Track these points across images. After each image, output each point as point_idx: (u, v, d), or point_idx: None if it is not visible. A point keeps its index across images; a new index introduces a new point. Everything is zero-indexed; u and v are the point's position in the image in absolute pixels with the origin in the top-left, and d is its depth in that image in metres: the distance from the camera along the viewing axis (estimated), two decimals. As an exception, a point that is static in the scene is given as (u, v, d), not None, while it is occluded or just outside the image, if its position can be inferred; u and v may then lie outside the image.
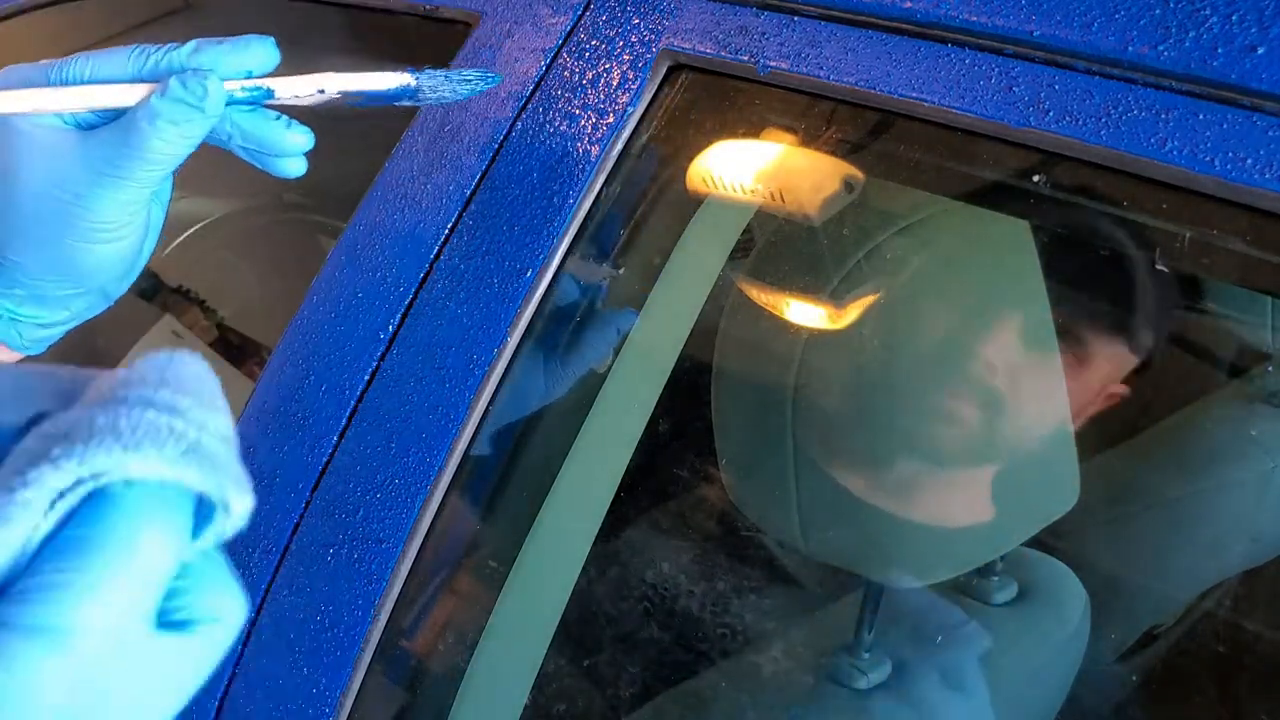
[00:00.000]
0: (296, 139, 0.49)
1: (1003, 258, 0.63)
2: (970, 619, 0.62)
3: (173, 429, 0.28)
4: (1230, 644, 0.58)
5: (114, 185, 0.47)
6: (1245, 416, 0.62)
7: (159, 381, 0.29)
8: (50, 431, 0.27)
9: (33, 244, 0.48)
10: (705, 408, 0.68)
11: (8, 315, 0.51)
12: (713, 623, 0.66)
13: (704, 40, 0.59)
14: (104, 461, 0.26)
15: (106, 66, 0.46)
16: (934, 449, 0.64)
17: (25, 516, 0.26)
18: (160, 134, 0.45)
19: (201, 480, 0.28)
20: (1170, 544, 0.64)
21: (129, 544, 0.27)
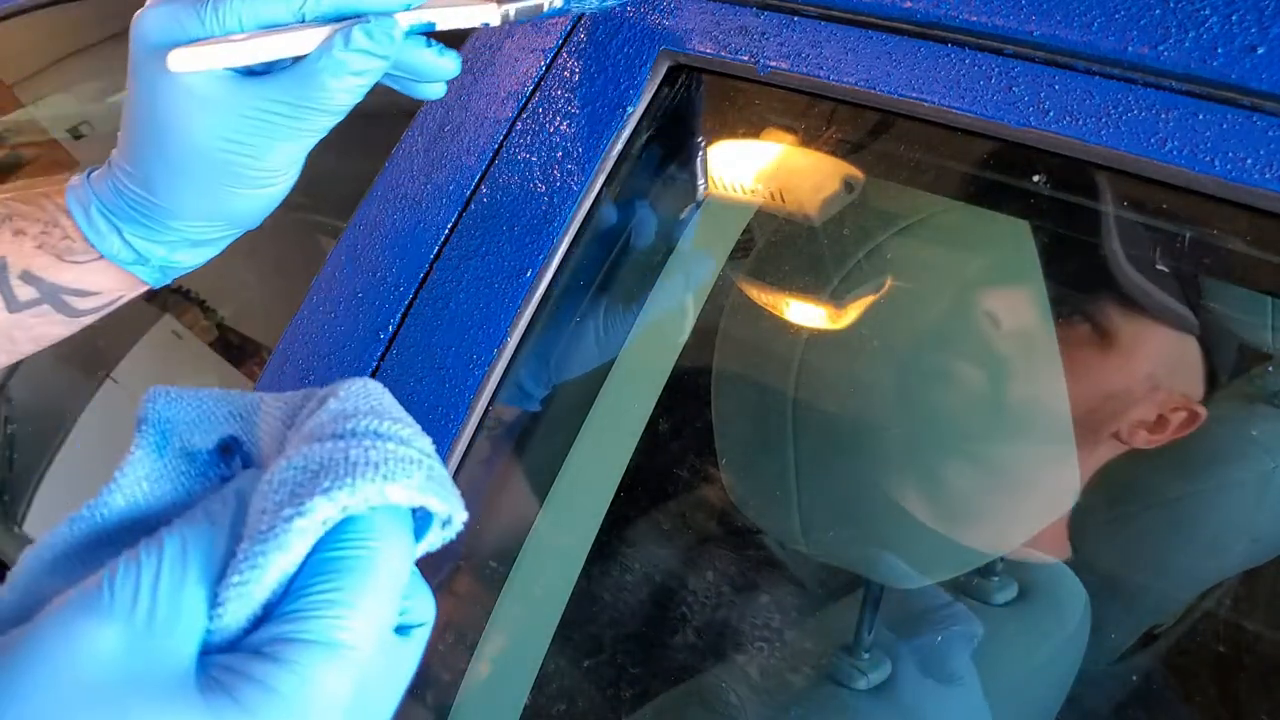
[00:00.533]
0: (447, 65, 0.48)
1: (1002, 258, 0.63)
2: (956, 603, 0.62)
3: (411, 458, 0.31)
4: (1230, 644, 0.58)
5: (287, 136, 0.46)
6: (1245, 416, 0.62)
7: (373, 412, 0.33)
8: (304, 464, 0.30)
9: (196, 194, 0.47)
10: (705, 408, 0.68)
11: (159, 263, 0.51)
12: (712, 622, 0.66)
13: (704, 40, 0.59)
14: (370, 491, 0.29)
15: (266, 7, 0.44)
16: (934, 449, 0.64)
17: (300, 542, 0.28)
18: (343, 84, 0.44)
19: (440, 503, 0.31)
20: (1170, 544, 0.64)
21: (379, 562, 0.29)
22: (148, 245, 0.50)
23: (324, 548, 0.29)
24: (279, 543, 0.28)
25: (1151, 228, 0.52)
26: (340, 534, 0.29)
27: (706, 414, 0.68)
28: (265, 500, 0.29)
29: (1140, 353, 0.60)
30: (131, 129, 0.47)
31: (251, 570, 0.28)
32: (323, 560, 0.29)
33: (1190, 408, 0.60)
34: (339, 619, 0.28)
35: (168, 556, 0.28)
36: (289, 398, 0.35)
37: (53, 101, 1.32)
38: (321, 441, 0.31)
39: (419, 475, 0.31)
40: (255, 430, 0.35)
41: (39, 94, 1.31)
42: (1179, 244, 0.49)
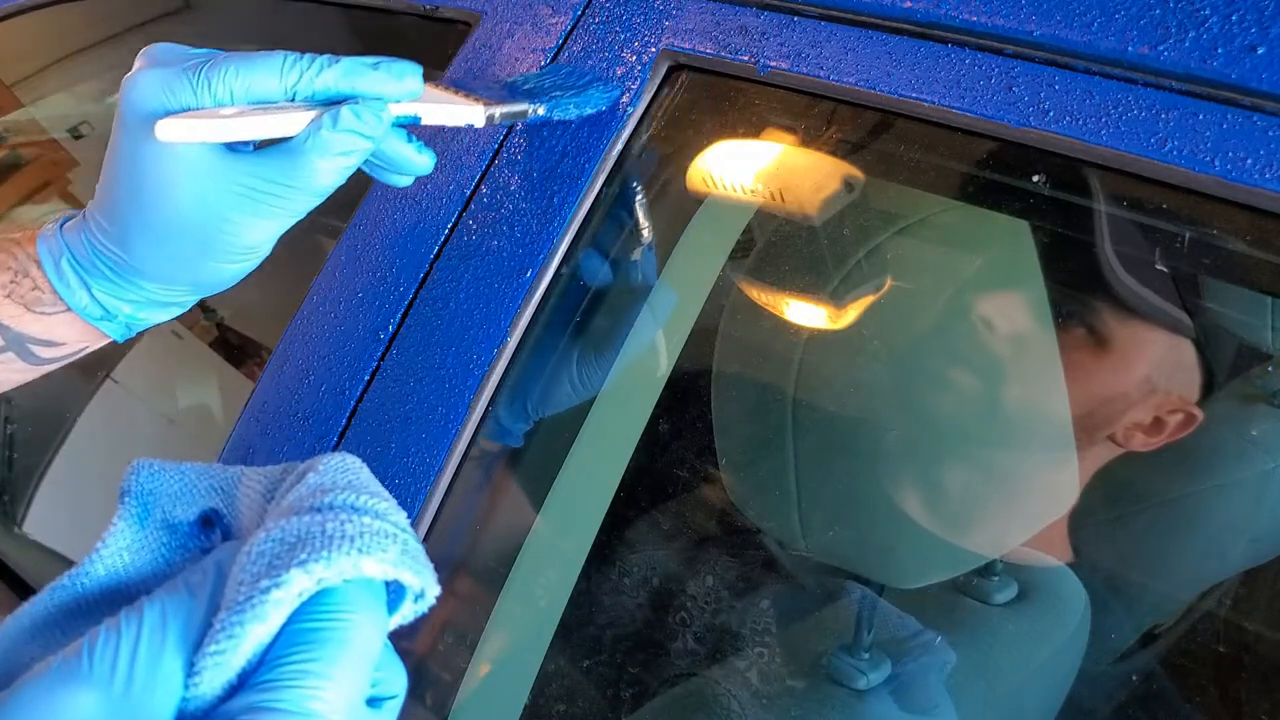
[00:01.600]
0: (423, 161, 0.49)
1: (1002, 258, 0.63)
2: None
3: (386, 532, 0.32)
4: (1230, 644, 0.58)
5: (269, 214, 0.46)
6: (1245, 416, 0.62)
7: (350, 486, 0.34)
8: (281, 537, 0.31)
9: (169, 261, 0.48)
10: (705, 408, 0.68)
11: (124, 320, 0.51)
12: (712, 622, 0.66)
13: (704, 40, 0.59)
14: (345, 565, 0.30)
15: (258, 81, 0.44)
16: (934, 449, 0.64)
17: (276, 613, 0.29)
18: (329, 165, 0.45)
19: (413, 577, 0.32)
20: (1170, 544, 0.64)
21: (353, 634, 0.30)
22: (115, 302, 0.50)
23: (300, 619, 0.30)
24: (255, 613, 0.29)
25: (1147, 230, 0.52)
26: (316, 606, 0.30)
27: (706, 414, 0.68)
28: (243, 571, 0.30)
29: (1137, 356, 0.60)
30: (112, 187, 0.47)
31: (228, 640, 0.29)
32: (298, 631, 0.30)
33: (1187, 410, 0.60)
34: (313, 689, 0.29)
35: (147, 626, 0.29)
36: (269, 472, 0.36)
37: (53, 101, 1.32)
38: (299, 515, 0.32)
39: (394, 549, 0.32)
40: (236, 503, 0.36)
41: (39, 94, 1.31)
42: (1179, 244, 0.49)
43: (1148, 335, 0.60)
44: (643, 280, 0.64)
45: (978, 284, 0.64)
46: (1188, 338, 0.60)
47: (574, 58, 0.64)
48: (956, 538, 0.64)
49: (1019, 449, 0.63)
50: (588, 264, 0.62)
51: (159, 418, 1.15)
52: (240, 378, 1.10)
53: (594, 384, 0.64)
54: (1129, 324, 0.59)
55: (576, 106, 0.57)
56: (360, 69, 0.45)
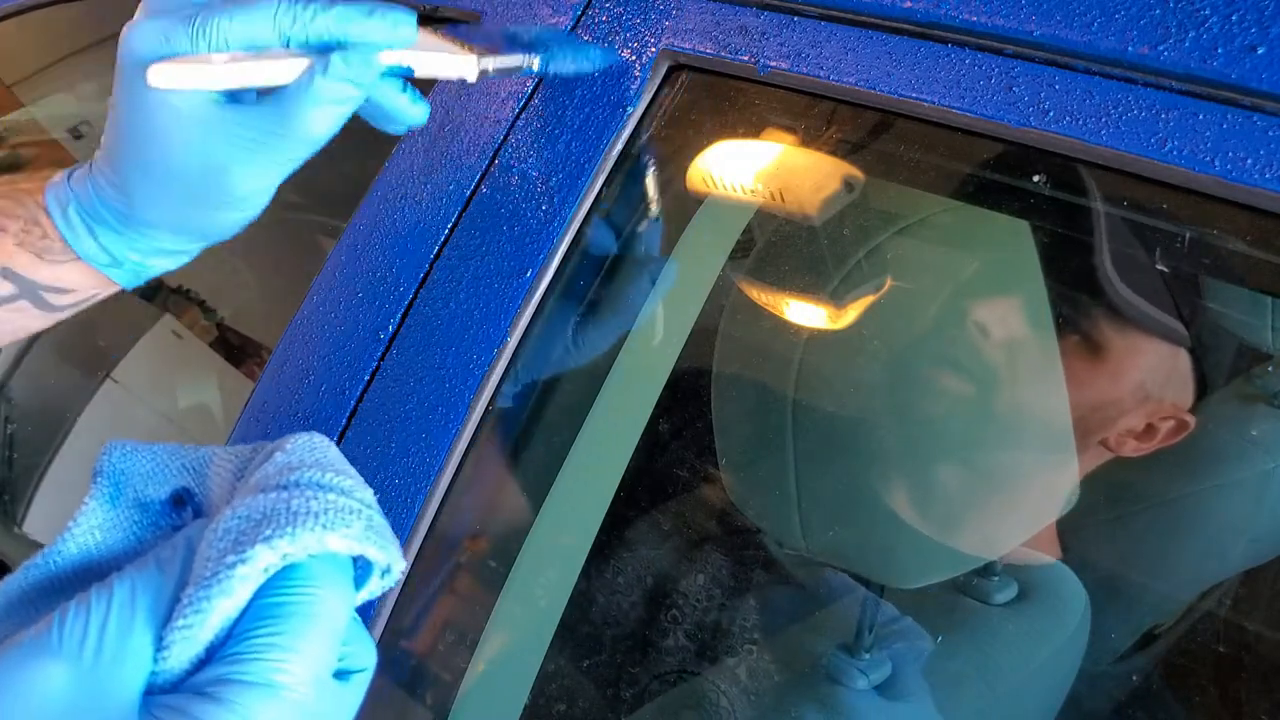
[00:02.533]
0: (417, 112, 0.49)
1: (1002, 258, 0.63)
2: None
3: (351, 508, 0.33)
4: (1230, 644, 0.58)
5: (264, 163, 0.46)
6: (1245, 416, 0.62)
7: (317, 464, 0.34)
8: (247, 514, 0.32)
9: (170, 208, 0.48)
10: (705, 408, 0.68)
11: (132, 267, 0.52)
12: (712, 622, 0.66)
13: (704, 40, 0.59)
14: (310, 540, 0.31)
15: (254, 28, 0.44)
16: (934, 449, 0.64)
17: (242, 587, 0.30)
18: (320, 114, 0.45)
19: (378, 552, 0.33)
20: (1170, 544, 0.64)
21: (321, 608, 0.31)
22: (122, 249, 0.51)
23: (266, 593, 0.31)
24: (222, 588, 0.30)
25: (1144, 237, 0.52)
26: (282, 581, 0.31)
27: (706, 414, 0.68)
28: (210, 548, 0.31)
29: (1131, 365, 0.60)
30: (114, 137, 0.48)
31: (195, 614, 0.30)
32: (264, 605, 0.30)
33: (1179, 416, 0.60)
34: (279, 662, 0.29)
35: (117, 601, 0.30)
36: (239, 451, 0.37)
37: (53, 101, 1.32)
38: (266, 492, 0.32)
39: (358, 525, 0.32)
40: (207, 482, 0.37)
41: (39, 94, 1.31)
42: (1178, 245, 0.49)
43: (1143, 344, 0.60)
44: (647, 253, 0.64)
45: (977, 284, 0.64)
46: (1183, 346, 0.60)
47: (574, 58, 0.64)
48: (951, 539, 0.64)
49: (1018, 451, 0.63)
50: (595, 234, 0.62)
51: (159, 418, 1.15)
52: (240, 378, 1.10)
53: (589, 350, 0.64)
54: (1124, 332, 0.59)
55: (574, 62, 0.56)
56: (354, 15, 0.45)
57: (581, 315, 0.64)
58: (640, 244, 0.65)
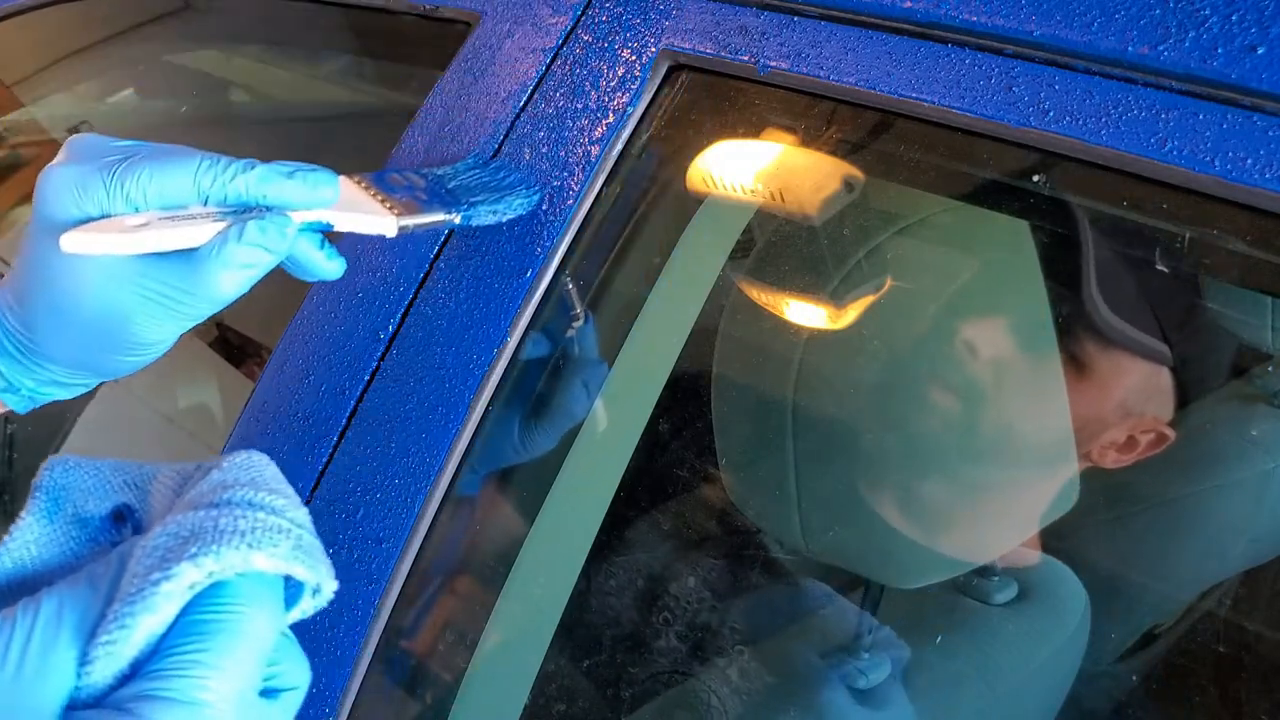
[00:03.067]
0: (332, 268, 0.50)
1: (1002, 258, 0.63)
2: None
3: (280, 528, 0.33)
4: (1230, 644, 0.58)
5: (170, 317, 0.46)
6: (1245, 416, 0.62)
7: (251, 483, 0.35)
8: (176, 531, 0.32)
9: (71, 350, 0.48)
10: (705, 407, 0.68)
11: (28, 393, 0.52)
12: (712, 622, 0.66)
13: (704, 40, 0.59)
14: (235, 559, 0.31)
15: (171, 185, 0.44)
16: (934, 449, 0.64)
17: (167, 605, 0.30)
18: (232, 276, 0.45)
19: (306, 572, 0.33)
20: (1170, 544, 0.64)
21: (247, 626, 0.31)
22: (19, 377, 0.51)
23: (192, 611, 0.31)
24: (146, 605, 0.30)
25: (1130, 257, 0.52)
26: (209, 599, 0.31)
27: (706, 414, 0.68)
28: (138, 564, 0.31)
29: (1116, 384, 0.61)
30: (22, 276, 0.48)
31: (119, 630, 0.30)
32: (190, 623, 0.31)
33: (1159, 430, 0.60)
34: (201, 679, 0.30)
35: (43, 616, 0.30)
36: (182, 468, 0.37)
37: (53, 101, 1.32)
38: (196, 510, 0.33)
39: (286, 545, 0.33)
40: (148, 499, 0.37)
41: (39, 94, 1.31)
42: (1178, 244, 0.49)
43: (1128, 365, 0.60)
44: (580, 354, 0.64)
45: (976, 284, 0.64)
46: (1166, 365, 0.60)
47: (574, 58, 0.64)
48: (956, 536, 0.64)
49: (1019, 447, 0.63)
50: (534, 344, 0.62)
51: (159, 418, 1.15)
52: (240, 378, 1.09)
53: (537, 449, 0.64)
54: (1108, 355, 0.60)
55: (494, 214, 0.57)
56: (274, 176, 0.45)
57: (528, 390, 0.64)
58: (639, 245, 0.65)
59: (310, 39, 1.00)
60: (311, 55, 1.11)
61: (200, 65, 1.18)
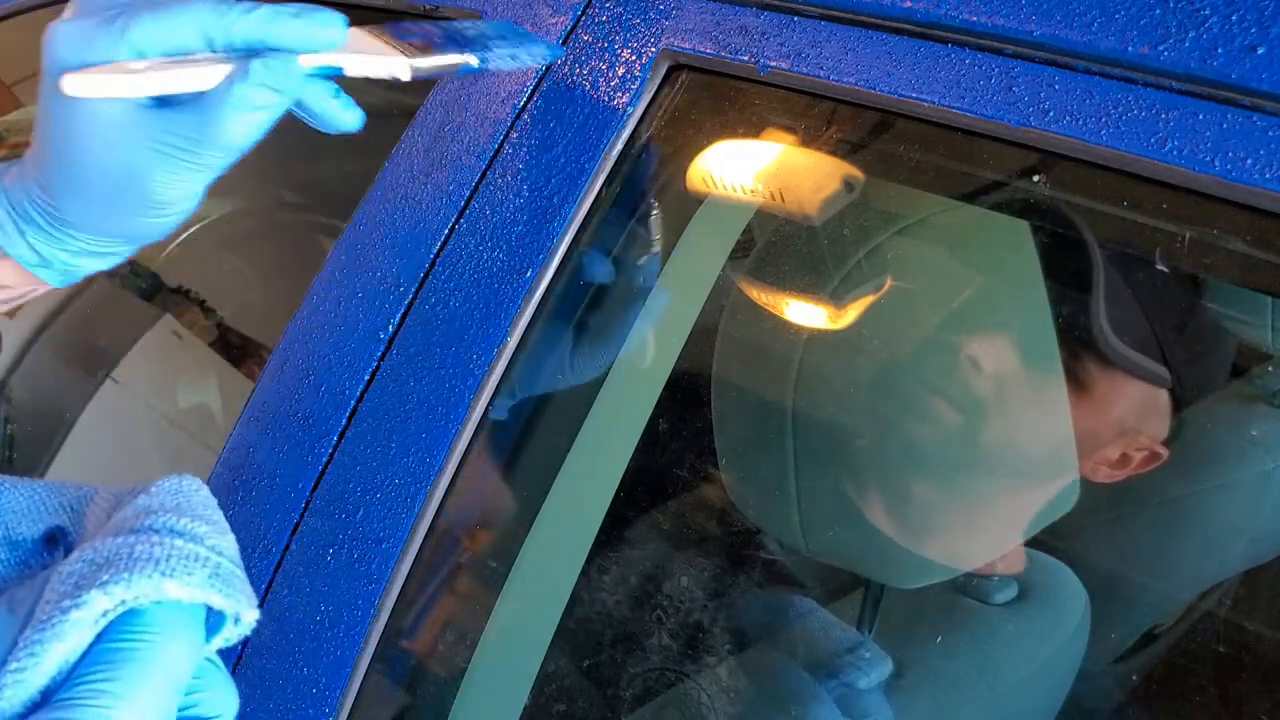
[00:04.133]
0: (349, 118, 0.48)
1: (1001, 258, 0.63)
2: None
3: (198, 555, 0.33)
4: (1230, 644, 0.58)
5: (186, 169, 0.45)
6: (1245, 416, 0.62)
7: (176, 509, 0.34)
8: (92, 557, 0.32)
9: (93, 212, 0.48)
10: (705, 408, 0.68)
11: (61, 266, 0.51)
12: (712, 622, 0.66)
13: (704, 40, 0.59)
14: (147, 587, 0.31)
15: (176, 31, 0.43)
16: (934, 449, 0.64)
17: (76, 633, 0.30)
18: (241, 121, 0.44)
19: (223, 600, 0.33)
20: (1170, 544, 0.64)
21: (159, 655, 0.31)
22: (51, 250, 0.50)
23: (106, 638, 0.31)
24: (55, 632, 0.30)
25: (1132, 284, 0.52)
26: (123, 626, 0.31)
27: (706, 414, 0.68)
28: (52, 590, 0.31)
29: (1114, 405, 0.61)
30: (40, 139, 0.47)
31: (29, 658, 0.29)
32: (102, 650, 0.30)
33: (1153, 448, 0.60)
34: (107, 709, 0.29)
35: None
36: (118, 491, 0.37)
37: (53, 101, 1.32)
38: (115, 536, 0.33)
39: (201, 573, 0.32)
40: (83, 521, 0.37)
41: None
42: (1179, 244, 0.49)
43: (1126, 387, 0.60)
44: (644, 282, 0.64)
45: (976, 284, 0.64)
46: (1165, 388, 0.60)
47: (574, 58, 0.64)
48: (956, 536, 0.64)
49: (1019, 448, 0.63)
50: (590, 262, 0.62)
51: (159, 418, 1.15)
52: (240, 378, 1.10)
53: (585, 373, 0.64)
54: (1108, 376, 0.60)
55: (513, 59, 0.54)
56: (280, 17, 0.44)
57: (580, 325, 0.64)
58: (639, 244, 0.65)
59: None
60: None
61: (200, 65, 1.18)
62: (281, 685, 0.58)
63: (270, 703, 0.58)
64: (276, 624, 0.59)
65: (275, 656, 0.59)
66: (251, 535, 0.62)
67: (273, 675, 0.58)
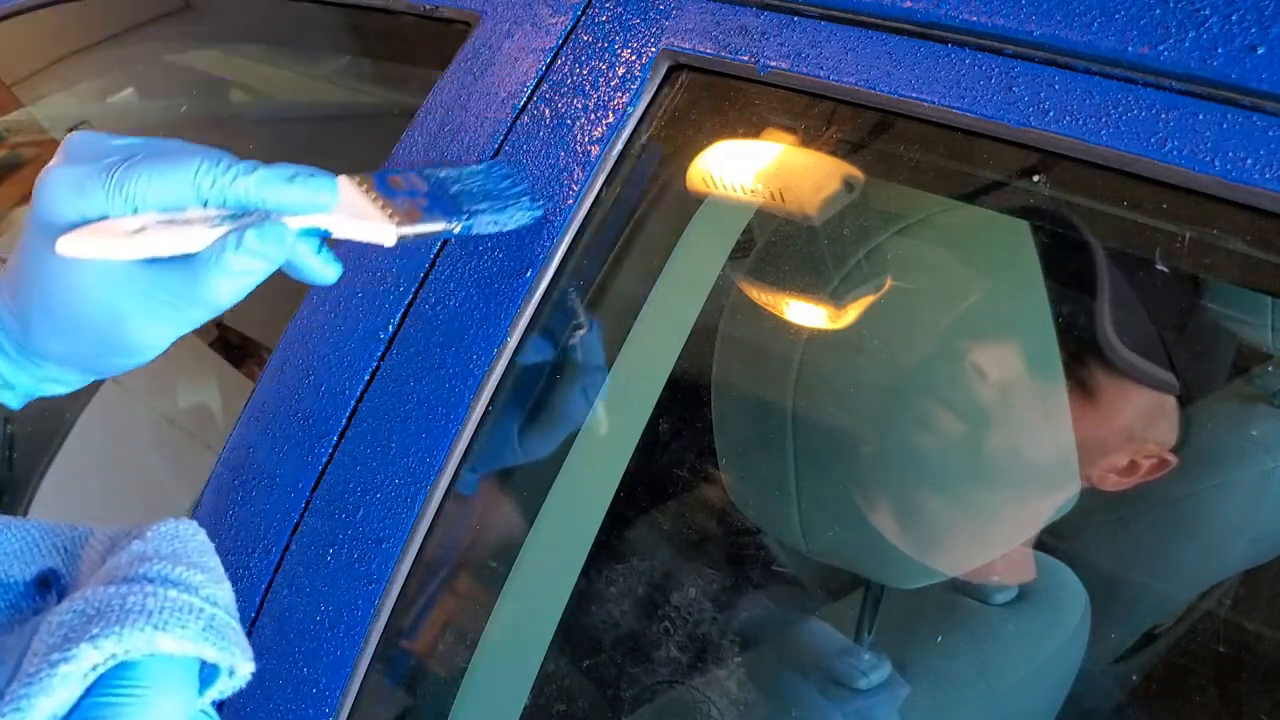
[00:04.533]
0: (328, 273, 0.49)
1: (1002, 258, 0.63)
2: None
3: (191, 607, 0.32)
4: (1230, 644, 0.58)
5: (167, 321, 0.46)
6: (1245, 416, 0.62)
7: (172, 556, 0.33)
8: (83, 608, 0.31)
9: (66, 349, 0.48)
10: (705, 407, 0.68)
11: (24, 390, 0.52)
12: (712, 623, 0.66)
13: (704, 40, 0.59)
14: (139, 640, 0.30)
15: (171, 188, 0.44)
16: (933, 448, 0.64)
17: (65, 688, 0.29)
18: (230, 283, 0.44)
19: (217, 654, 0.32)
20: (1170, 544, 0.64)
21: (151, 711, 0.30)
22: (17, 376, 0.50)
23: (96, 692, 0.30)
24: (43, 687, 0.29)
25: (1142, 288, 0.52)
26: (114, 679, 0.30)
27: (706, 414, 0.68)
28: (40, 642, 0.30)
29: (1121, 411, 0.61)
30: (18, 276, 0.47)
31: (15, 714, 0.29)
32: (92, 704, 0.30)
33: (1161, 455, 0.60)
34: None
35: None
36: (114, 532, 0.36)
37: (53, 101, 1.32)
38: (107, 585, 0.32)
39: (195, 626, 0.32)
40: (77, 563, 0.36)
41: (39, 94, 1.31)
42: (1179, 244, 0.49)
43: (1133, 393, 0.60)
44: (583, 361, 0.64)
45: (976, 284, 0.64)
46: (1172, 394, 0.60)
47: (574, 58, 0.64)
48: (956, 537, 0.64)
49: (1019, 448, 0.63)
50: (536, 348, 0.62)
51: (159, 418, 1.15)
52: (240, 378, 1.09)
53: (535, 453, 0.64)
54: (1115, 382, 0.60)
55: (496, 224, 0.55)
56: (275, 180, 0.45)
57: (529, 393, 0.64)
58: (639, 245, 0.65)
59: (310, 39, 1.00)
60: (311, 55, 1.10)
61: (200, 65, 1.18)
62: (281, 685, 0.58)
63: (270, 703, 0.58)
64: (276, 624, 0.59)
65: (275, 656, 0.59)
66: (251, 535, 0.62)
67: (273, 675, 0.58)
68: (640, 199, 0.65)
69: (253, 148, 0.48)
